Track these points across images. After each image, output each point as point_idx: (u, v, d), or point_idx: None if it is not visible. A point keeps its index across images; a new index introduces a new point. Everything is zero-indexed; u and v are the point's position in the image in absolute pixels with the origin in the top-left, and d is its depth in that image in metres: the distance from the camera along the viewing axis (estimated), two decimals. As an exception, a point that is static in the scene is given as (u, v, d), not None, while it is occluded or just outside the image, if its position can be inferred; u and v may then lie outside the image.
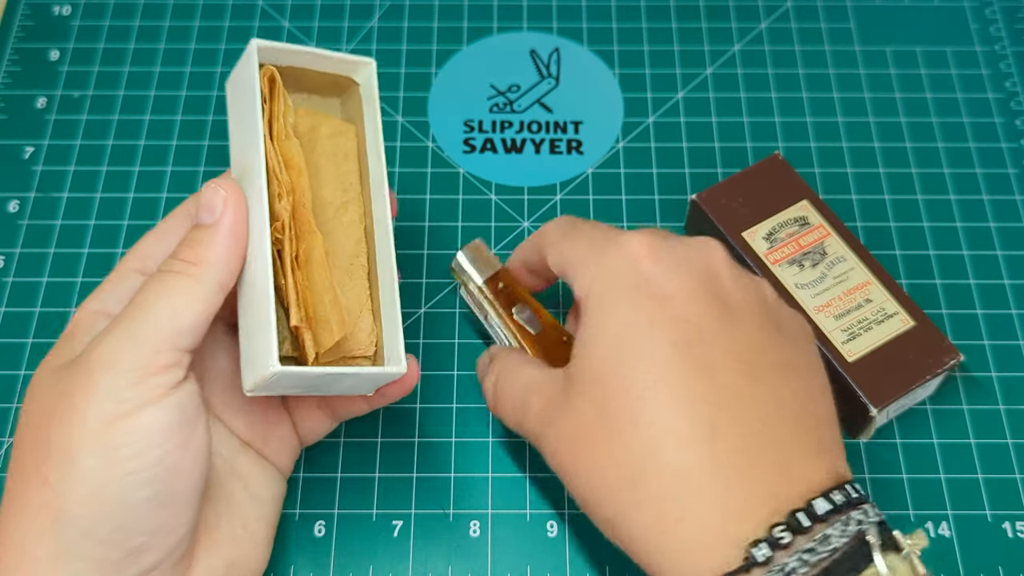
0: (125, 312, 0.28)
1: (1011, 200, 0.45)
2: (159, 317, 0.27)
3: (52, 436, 0.26)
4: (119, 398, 0.26)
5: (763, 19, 0.50)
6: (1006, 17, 0.50)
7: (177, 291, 0.28)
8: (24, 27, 0.49)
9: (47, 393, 0.28)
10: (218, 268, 0.28)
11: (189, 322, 0.28)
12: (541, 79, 0.48)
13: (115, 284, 0.31)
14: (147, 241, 0.32)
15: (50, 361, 0.29)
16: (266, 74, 0.31)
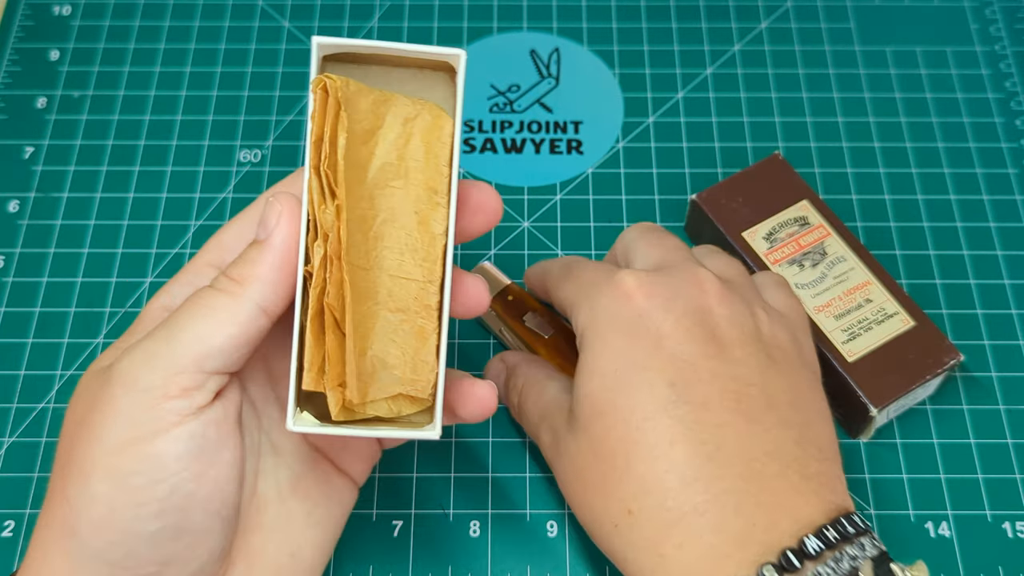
0: (159, 326, 0.27)
1: (1011, 200, 0.45)
2: (185, 336, 0.26)
3: (74, 450, 0.26)
4: (134, 421, 0.25)
5: (763, 19, 0.50)
6: (1006, 17, 0.50)
7: (211, 310, 0.26)
8: (24, 27, 0.49)
9: (83, 398, 0.27)
10: (261, 289, 0.26)
11: (219, 344, 0.26)
12: (541, 79, 0.48)
13: (187, 279, 0.29)
14: (226, 233, 0.30)
15: (102, 359, 0.28)
16: (318, 85, 0.26)
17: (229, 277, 0.27)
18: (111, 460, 0.25)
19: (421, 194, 0.27)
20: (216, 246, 0.30)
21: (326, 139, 0.26)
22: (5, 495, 0.37)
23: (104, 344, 0.40)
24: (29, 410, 0.39)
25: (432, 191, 0.27)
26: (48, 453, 0.38)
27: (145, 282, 0.42)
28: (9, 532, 0.36)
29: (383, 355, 0.27)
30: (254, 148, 0.46)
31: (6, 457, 0.38)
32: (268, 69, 0.48)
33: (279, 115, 0.47)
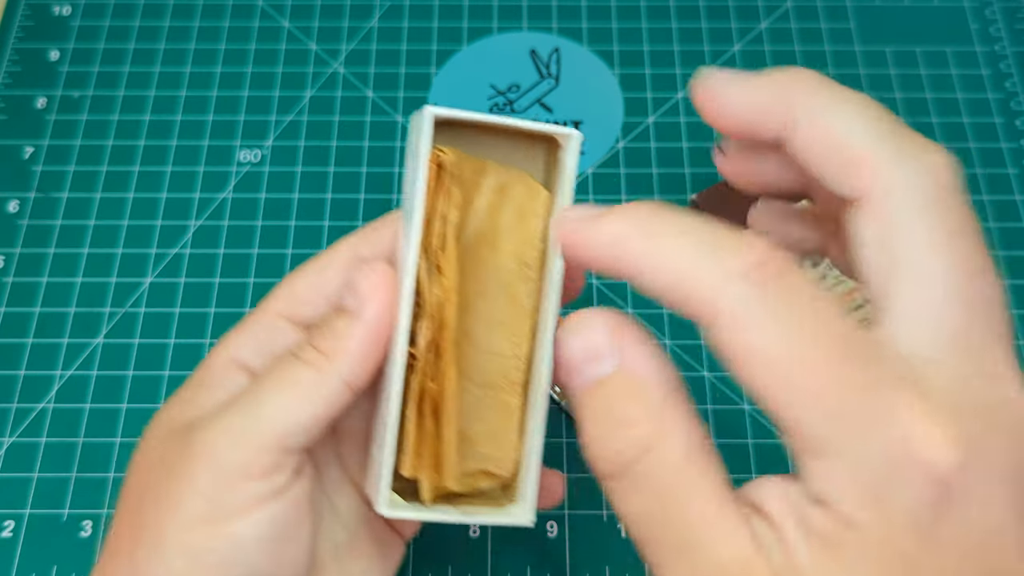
0: (239, 398, 0.25)
1: (1011, 200, 0.45)
2: (271, 413, 0.24)
3: (147, 516, 0.25)
4: (214, 500, 0.24)
5: (763, 19, 0.50)
6: (1006, 17, 0.50)
7: (297, 385, 0.25)
8: (24, 27, 0.49)
9: (156, 456, 0.26)
10: (349, 365, 0.25)
11: (303, 422, 0.25)
12: (541, 79, 0.48)
13: (256, 330, 0.28)
14: (303, 279, 0.28)
15: (169, 412, 0.27)
16: (434, 160, 0.25)
17: (316, 349, 0.25)
18: (188, 536, 0.24)
19: (511, 266, 0.26)
20: (288, 295, 0.28)
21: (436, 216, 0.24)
22: (5, 495, 0.37)
23: (104, 344, 0.41)
24: (29, 410, 0.39)
25: (523, 264, 0.26)
26: (48, 453, 0.38)
27: (145, 282, 0.42)
28: (9, 532, 0.36)
29: (469, 432, 0.26)
30: (254, 148, 0.46)
31: (6, 457, 0.38)
32: (268, 69, 0.48)
33: (279, 115, 0.47)
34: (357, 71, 0.48)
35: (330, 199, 0.44)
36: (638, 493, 0.20)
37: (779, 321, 0.18)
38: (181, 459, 0.25)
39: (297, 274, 0.29)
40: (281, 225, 0.44)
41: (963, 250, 0.19)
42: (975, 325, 0.18)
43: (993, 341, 0.19)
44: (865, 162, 0.20)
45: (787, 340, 0.18)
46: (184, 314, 0.41)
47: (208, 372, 0.28)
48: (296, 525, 0.25)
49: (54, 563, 0.36)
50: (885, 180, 0.19)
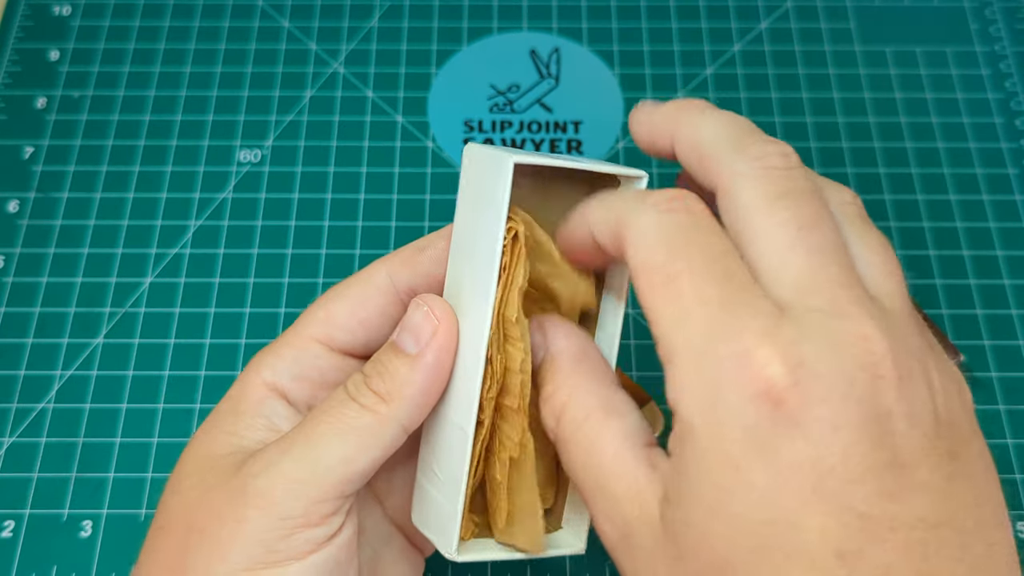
0: (296, 439, 0.25)
1: (1011, 200, 0.45)
2: (330, 461, 0.24)
3: (189, 559, 0.24)
4: (269, 547, 0.24)
5: (763, 19, 0.50)
6: (1006, 17, 0.50)
7: (357, 432, 0.24)
8: (24, 27, 0.49)
9: (195, 497, 0.25)
10: (408, 410, 0.25)
11: (362, 469, 0.24)
12: (541, 79, 0.48)
13: (292, 354, 0.27)
14: (341, 303, 0.28)
15: (207, 442, 0.26)
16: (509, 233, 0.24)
17: (375, 392, 0.25)
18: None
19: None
20: (325, 320, 0.28)
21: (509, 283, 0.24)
22: (5, 495, 0.37)
23: (104, 345, 0.40)
24: (29, 410, 0.39)
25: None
26: (48, 453, 0.38)
27: (145, 282, 0.42)
28: (9, 532, 0.36)
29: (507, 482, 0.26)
30: (254, 148, 0.46)
31: (6, 457, 0.38)
32: (268, 69, 0.48)
33: (279, 115, 0.47)
34: (357, 71, 0.48)
35: (330, 199, 0.44)
36: (566, 451, 0.24)
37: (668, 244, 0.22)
38: (232, 504, 0.24)
39: (333, 298, 0.28)
40: (281, 225, 0.44)
41: (795, 208, 0.22)
42: (820, 270, 0.21)
43: (836, 284, 0.21)
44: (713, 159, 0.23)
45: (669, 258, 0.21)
46: (184, 314, 0.41)
47: (244, 399, 0.27)
48: (346, 565, 0.25)
49: (54, 563, 0.36)
50: (728, 172, 0.22)
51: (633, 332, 0.40)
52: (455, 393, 0.25)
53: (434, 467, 0.26)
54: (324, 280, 0.42)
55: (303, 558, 0.24)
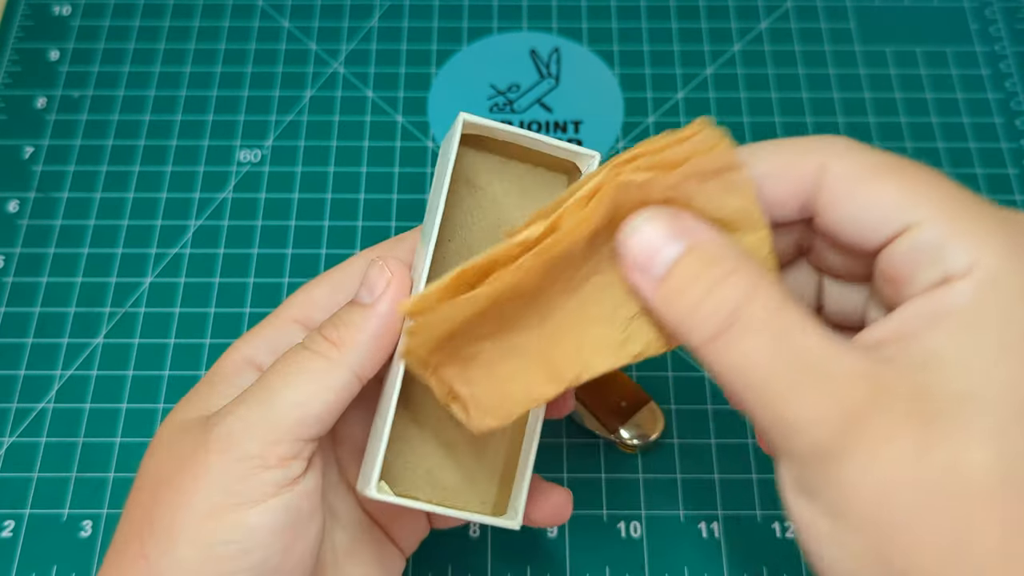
0: (252, 389, 0.26)
1: (1011, 200, 0.45)
2: (284, 403, 0.25)
3: (156, 510, 0.25)
4: (228, 490, 0.24)
5: (763, 19, 0.50)
6: (1006, 17, 0.50)
7: (308, 375, 0.25)
8: (24, 27, 0.49)
9: (165, 454, 0.26)
10: (359, 355, 0.25)
11: (316, 412, 0.25)
12: (541, 79, 0.48)
13: (271, 333, 0.29)
14: (319, 290, 0.29)
15: (181, 410, 0.27)
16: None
17: (327, 339, 0.26)
18: (201, 526, 0.24)
19: None
20: (305, 301, 0.29)
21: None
22: (5, 495, 0.37)
23: (104, 345, 0.41)
24: (29, 410, 0.39)
25: None
26: (48, 453, 0.38)
27: (145, 282, 0.42)
28: (9, 532, 0.36)
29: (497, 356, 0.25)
30: (254, 148, 0.46)
31: (6, 457, 0.38)
32: (267, 69, 0.48)
33: (279, 115, 0.47)
34: (357, 71, 0.48)
35: (330, 199, 0.44)
36: (744, 341, 0.20)
37: None
38: (194, 452, 0.25)
39: (314, 283, 0.29)
40: (281, 225, 0.44)
41: None
42: None
43: None
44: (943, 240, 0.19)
45: None
46: (184, 314, 0.41)
47: (220, 372, 0.28)
48: (308, 518, 0.26)
49: (54, 563, 0.36)
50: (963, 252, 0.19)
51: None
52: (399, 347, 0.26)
53: (376, 424, 0.27)
54: (324, 280, 0.42)
55: (263, 501, 0.24)
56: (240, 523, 0.24)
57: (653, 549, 0.36)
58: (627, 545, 0.36)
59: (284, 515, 0.25)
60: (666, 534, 0.36)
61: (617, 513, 0.37)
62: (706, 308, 0.21)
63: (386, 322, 0.26)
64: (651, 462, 0.38)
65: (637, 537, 0.36)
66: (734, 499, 0.37)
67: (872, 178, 0.20)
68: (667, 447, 0.38)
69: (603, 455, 0.38)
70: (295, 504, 0.25)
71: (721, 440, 0.38)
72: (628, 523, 0.37)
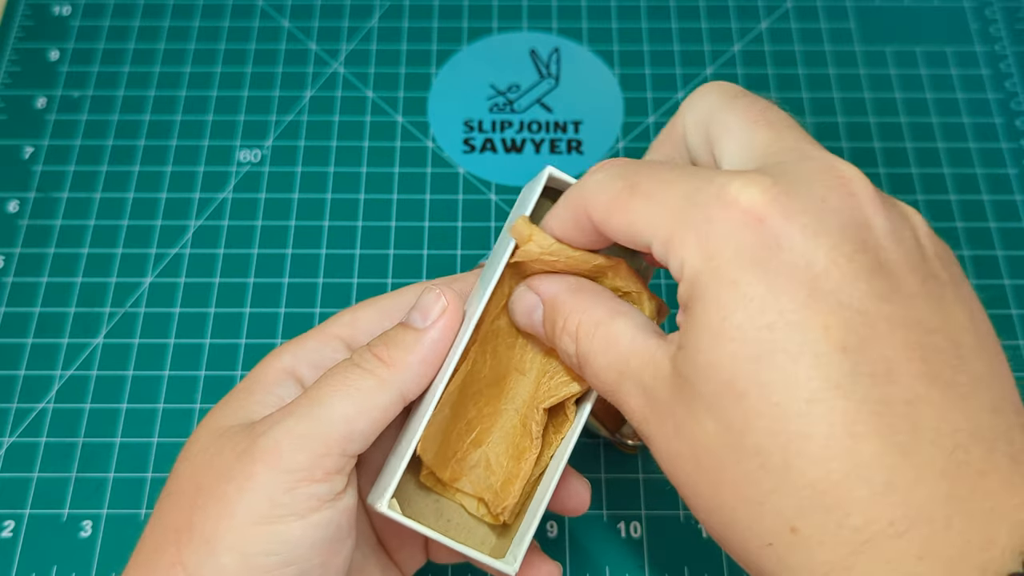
0: (300, 401, 0.26)
1: (1011, 200, 0.45)
2: (333, 417, 0.25)
3: (196, 517, 0.25)
4: (274, 501, 0.24)
5: (763, 19, 0.50)
6: (1006, 17, 0.50)
7: (359, 392, 0.25)
8: (24, 27, 0.49)
9: (204, 459, 0.26)
10: (409, 377, 0.26)
11: (362, 428, 0.25)
12: (541, 79, 0.48)
13: (314, 346, 0.29)
14: (366, 313, 0.29)
15: (220, 416, 0.27)
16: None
17: (378, 357, 0.26)
18: (242, 535, 0.24)
19: None
20: (350, 322, 0.29)
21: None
22: (5, 495, 0.37)
23: (104, 345, 0.41)
24: (29, 410, 0.39)
25: None
26: (48, 453, 0.38)
27: (145, 282, 0.42)
28: (9, 532, 0.36)
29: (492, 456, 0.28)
30: (254, 148, 0.46)
31: (6, 457, 0.38)
32: (267, 69, 0.48)
33: (279, 115, 0.47)
34: (357, 71, 0.48)
35: (330, 199, 0.44)
36: (589, 362, 0.25)
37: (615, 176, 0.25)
38: (239, 461, 0.25)
39: (363, 305, 0.30)
40: (281, 225, 0.44)
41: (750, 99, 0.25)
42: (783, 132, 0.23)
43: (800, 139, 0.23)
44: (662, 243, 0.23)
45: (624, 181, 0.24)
46: (184, 314, 0.41)
47: (260, 380, 0.28)
48: (346, 534, 0.26)
49: (54, 563, 0.36)
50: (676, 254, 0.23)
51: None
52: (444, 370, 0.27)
53: (400, 442, 0.27)
54: (324, 280, 0.42)
55: (306, 515, 0.25)
56: (283, 535, 0.24)
57: (653, 549, 0.36)
58: (627, 545, 0.36)
59: (325, 530, 0.25)
60: (666, 534, 0.36)
61: (617, 513, 0.37)
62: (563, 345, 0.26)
63: (436, 348, 0.26)
64: (651, 462, 0.38)
65: (637, 537, 0.36)
66: (734, 499, 0.37)
67: (616, 212, 0.24)
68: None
69: (603, 455, 0.38)
70: (336, 520, 0.25)
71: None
72: (628, 523, 0.37)
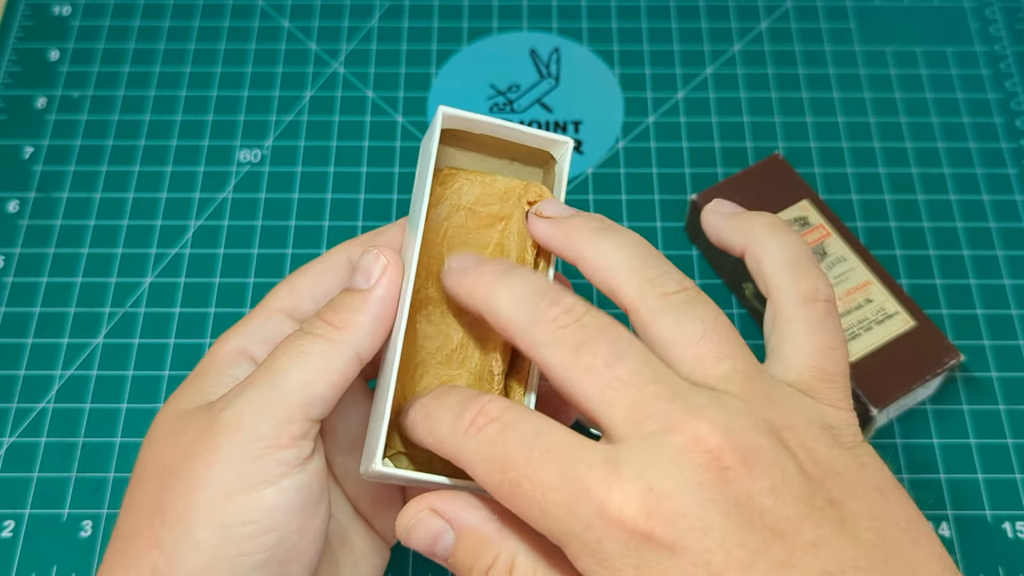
0: (257, 373, 0.26)
1: (1011, 200, 0.45)
2: (290, 384, 0.25)
3: (166, 498, 0.25)
4: (242, 470, 0.25)
5: (763, 19, 0.50)
6: (1006, 17, 0.50)
7: (314, 356, 0.26)
8: (24, 27, 0.49)
9: (167, 443, 0.26)
10: (361, 337, 0.26)
11: (321, 391, 0.26)
12: (541, 79, 0.48)
13: (260, 322, 0.29)
14: (303, 278, 0.30)
15: (177, 401, 0.27)
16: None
17: (327, 323, 0.26)
18: (215, 509, 0.24)
19: None
20: (288, 292, 0.30)
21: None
22: (5, 495, 0.37)
23: (104, 345, 0.41)
24: (29, 410, 0.39)
25: None
26: (48, 453, 0.38)
27: (145, 282, 0.42)
28: (9, 532, 0.36)
29: None
30: (254, 148, 0.46)
31: (6, 457, 0.38)
32: (268, 69, 0.48)
33: (279, 115, 0.47)
34: (357, 71, 0.48)
35: (330, 199, 0.44)
36: None
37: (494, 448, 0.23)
38: (203, 438, 0.25)
39: (297, 274, 0.30)
40: (281, 225, 0.44)
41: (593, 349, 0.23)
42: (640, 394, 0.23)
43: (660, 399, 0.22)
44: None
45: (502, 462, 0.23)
46: (184, 314, 0.41)
47: (211, 364, 0.28)
48: (319, 497, 0.26)
49: (54, 563, 0.36)
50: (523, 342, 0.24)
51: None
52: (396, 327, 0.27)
53: (375, 402, 0.28)
54: (324, 280, 0.42)
55: (278, 481, 0.25)
56: (257, 503, 0.24)
57: (653, 549, 0.36)
58: (627, 545, 0.36)
59: (298, 495, 0.25)
60: (666, 534, 0.36)
61: (617, 513, 0.37)
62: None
63: (385, 304, 0.27)
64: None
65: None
66: (734, 499, 0.37)
67: None
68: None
69: (603, 455, 0.38)
70: (307, 483, 0.25)
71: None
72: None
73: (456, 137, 0.28)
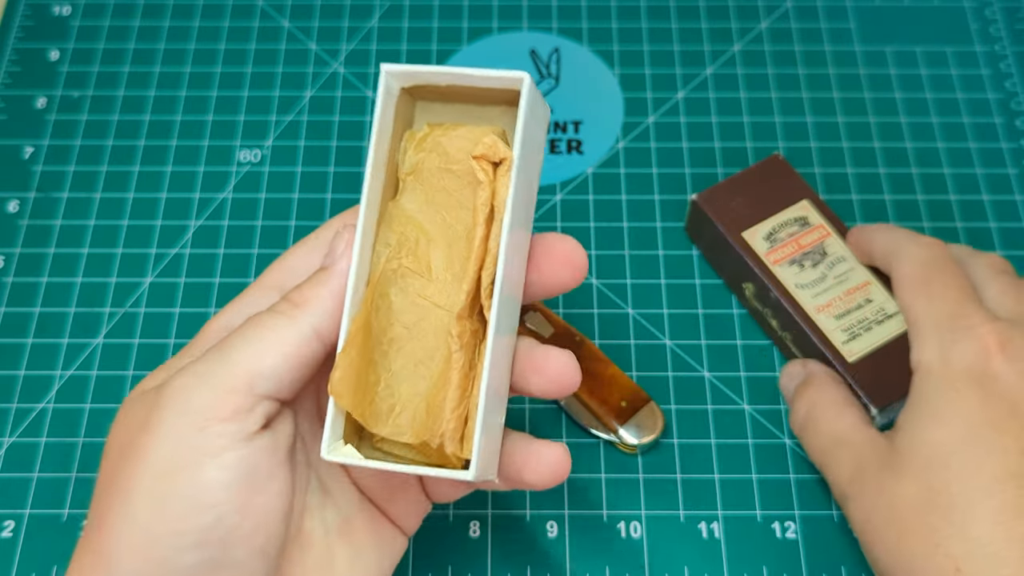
0: (210, 349, 0.26)
1: (1011, 200, 0.45)
2: (236, 356, 0.25)
3: (117, 474, 0.25)
4: (182, 443, 0.24)
5: (763, 19, 0.50)
6: (1006, 17, 0.50)
7: (266, 330, 0.25)
8: (24, 27, 0.49)
9: (124, 423, 0.26)
10: (318, 313, 0.26)
11: (270, 364, 0.25)
12: (541, 79, 0.48)
13: (250, 300, 0.29)
14: (294, 255, 0.29)
15: (144, 383, 0.27)
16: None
17: (288, 300, 0.26)
18: (154, 484, 0.24)
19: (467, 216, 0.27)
20: (280, 268, 0.29)
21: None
22: (5, 495, 0.37)
23: (104, 345, 0.41)
24: (29, 410, 0.39)
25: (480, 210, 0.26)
26: (48, 453, 0.38)
27: (145, 282, 0.42)
28: (9, 532, 0.36)
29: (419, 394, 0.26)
30: (254, 148, 0.46)
31: (6, 457, 0.38)
32: (268, 69, 0.48)
33: (279, 115, 0.47)
34: (357, 71, 0.48)
35: (330, 199, 0.44)
36: (811, 431, 0.35)
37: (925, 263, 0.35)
38: (151, 413, 0.25)
39: (291, 250, 0.30)
40: (281, 225, 0.44)
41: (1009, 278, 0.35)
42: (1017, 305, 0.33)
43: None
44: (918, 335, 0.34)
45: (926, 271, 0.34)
46: (184, 314, 0.41)
47: (198, 342, 0.28)
48: (267, 475, 0.25)
49: (54, 563, 0.36)
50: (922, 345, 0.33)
51: (633, 332, 0.40)
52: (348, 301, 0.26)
53: None
54: (324, 280, 0.42)
55: (218, 455, 0.24)
56: (195, 477, 0.24)
57: (653, 549, 0.36)
58: (627, 545, 0.36)
59: (237, 470, 0.24)
60: (666, 534, 0.36)
61: (617, 513, 0.37)
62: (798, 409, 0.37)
63: (344, 281, 0.26)
64: (651, 462, 0.38)
65: (637, 537, 0.36)
66: (734, 499, 0.37)
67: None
68: (667, 447, 0.38)
69: (603, 455, 0.38)
70: (250, 459, 0.24)
71: (721, 440, 0.38)
72: (628, 523, 0.37)
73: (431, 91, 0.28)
